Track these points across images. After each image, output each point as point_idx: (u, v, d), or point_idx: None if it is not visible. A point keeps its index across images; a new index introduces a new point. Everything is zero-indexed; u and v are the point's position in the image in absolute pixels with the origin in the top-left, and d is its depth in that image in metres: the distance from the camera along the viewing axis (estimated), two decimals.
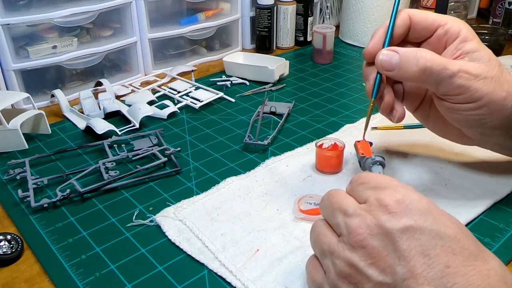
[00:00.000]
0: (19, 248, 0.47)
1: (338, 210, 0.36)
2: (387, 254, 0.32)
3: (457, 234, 0.32)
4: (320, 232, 0.37)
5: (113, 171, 0.58)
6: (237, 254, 0.46)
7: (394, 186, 0.35)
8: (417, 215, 0.33)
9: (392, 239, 0.32)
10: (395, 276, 0.32)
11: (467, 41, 0.46)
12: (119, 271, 0.44)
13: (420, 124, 0.68)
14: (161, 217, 0.51)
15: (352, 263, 0.33)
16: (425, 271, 0.31)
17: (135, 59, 0.89)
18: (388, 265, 0.32)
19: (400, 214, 0.33)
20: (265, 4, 0.99)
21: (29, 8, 0.74)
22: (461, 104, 0.46)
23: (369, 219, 0.34)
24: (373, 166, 0.50)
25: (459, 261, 0.31)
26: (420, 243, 0.32)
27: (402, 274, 0.32)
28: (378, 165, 0.50)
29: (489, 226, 0.50)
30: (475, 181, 0.56)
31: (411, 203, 0.33)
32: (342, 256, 0.34)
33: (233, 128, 0.71)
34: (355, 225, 0.34)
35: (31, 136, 0.69)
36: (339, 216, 0.36)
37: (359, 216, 0.34)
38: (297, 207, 0.50)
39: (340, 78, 0.91)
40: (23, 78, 0.76)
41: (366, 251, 0.33)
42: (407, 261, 0.32)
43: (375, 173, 0.40)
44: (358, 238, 0.33)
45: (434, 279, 0.31)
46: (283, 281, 0.42)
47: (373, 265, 0.33)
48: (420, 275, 0.31)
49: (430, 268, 0.31)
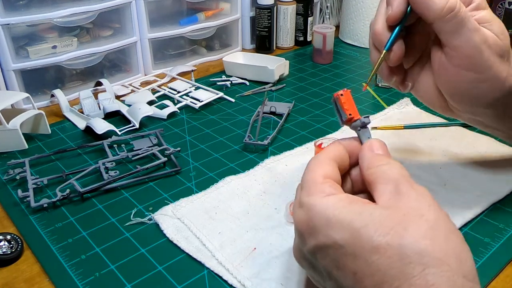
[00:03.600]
0: (19, 248, 0.47)
1: None
2: (317, 273, 0.35)
3: (351, 235, 0.31)
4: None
5: (113, 171, 0.58)
6: (234, 252, 0.46)
7: (306, 203, 0.34)
8: (319, 232, 0.33)
9: (310, 260, 0.35)
10: (329, 287, 0.34)
11: (480, 9, 0.42)
12: (119, 271, 0.44)
13: (420, 124, 0.69)
14: (160, 215, 0.51)
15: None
16: (344, 283, 0.32)
17: (135, 59, 0.89)
18: (322, 279, 0.35)
19: (307, 235, 0.34)
20: (265, 4, 0.99)
21: (29, 8, 0.74)
22: (465, 71, 0.42)
23: (296, 242, 0.37)
24: (361, 130, 0.40)
25: (363, 263, 0.30)
26: (331, 258, 0.32)
27: (333, 287, 0.33)
28: (366, 129, 0.40)
29: (489, 226, 0.50)
30: (474, 182, 0.56)
31: (312, 220, 0.33)
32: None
33: (233, 128, 0.71)
34: (293, 247, 0.38)
35: (31, 136, 0.69)
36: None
37: (294, 239, 0.37)
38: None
39: (340, 78, 0.91)
40: (23, 78, 0.76)
41: (305, 268, 0.37)
42: (329, 276, 0.33)
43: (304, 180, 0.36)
44: (296, 259, 0.38)
45: (350, 287, 0.31)
46: (279, 279, 0.42)
47: (313, 279, 0.37)
48: (342, 286, 0.32)
49: (344, 278, 0.31)
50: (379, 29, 0.43)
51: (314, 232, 0.33)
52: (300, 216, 0.34)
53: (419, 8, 0.41)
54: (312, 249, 0.33)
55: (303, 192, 0.35)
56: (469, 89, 0.43)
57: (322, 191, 0.34)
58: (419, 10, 0.41)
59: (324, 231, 0.32)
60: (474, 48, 0.40)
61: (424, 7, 0.40)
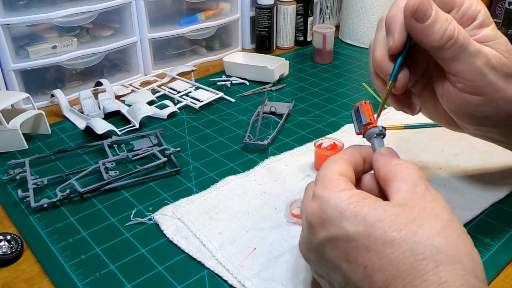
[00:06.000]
0: (19, 248, 0.47)
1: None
2: (324, 265, 0.35)
3: (366, 229, 0.31)
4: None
5: (113, 171, 0.58)
6: (234, 252, 0.46)
7: (320, 196, 0.34)
8: (331, 224, 0.33)
9: (319, 252, 0.35)
10: (335, 282, 0.34)
11: (483, 27, 0.41)
12: (119, 271, 0.44)
13: (420, 125, 0.68)
14: (160, 215, 0.51)
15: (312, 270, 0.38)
16: (352, 276, 0.32)
17: (135, 59, 0.89)
18: (327, 274, 0.35)
19: (318, 227, 0.34)
20: (265, 4, 0.99)
21: (29, 8, 0.74)
22: (469, 95, 0.40)
23: (304, 235, 0.37)
24: (376, 138, 0.42)
25: (375, 257, 0.30)
26: (341, 250, 0.32)
27: (339, 282, 0.33)
28: (381, 138, 0.42)
29: (489, 226, 0.50)
30: (474, 182, 0.56)
31: (325, 212, 0.33)
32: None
33: (233, 128, 0.71)
34: (299, 241, 0.38)
35: (31, 136, 0.69)
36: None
37: (302, 233, 0.38)
38: (289, 211, 0.50)
39: (340, 78, 0.91)
40: (23, 78, 0.76)
41: (311, 263, 0.37)
42: (337, 269, 0.33)
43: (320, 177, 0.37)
44: (301, 253, 0.38)
45: (359, 281, 0.31)
46: (279, 279, 0.42)
47: (317, 273, 0.37)
48: (350, 280, 0.32)
49: (353, 272, 0.32)
50: (380, 57, 0.42)
51: (327, 224, 0.33)
52: (313, 207, 0.35)
53: (417, 37, 0.40)
54: (323, 241, 0.33)
55: (318, 186, 0.35)
56: (475, 112, 0.42)
57: (337, 186, 0.34)
58: (418, 39, 0.40)
59: (337, 223, 0.32)
60: (476, 72, 0.39)
61: (422, 36, 0.39)
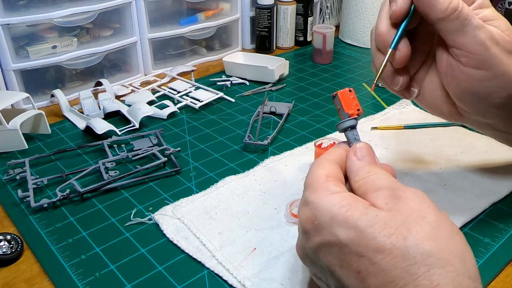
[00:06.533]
0: (19, 248, 0.47)
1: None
2: (319, 270, 0.35)
3: (357, 235, 0.31)
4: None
5: (113, 171, 0.58)
6: (234, 252, 0.46)
7: (311, 201, 0.34)
8: (323, 229, 0.33)
9: (312, 259, 0.35)
10: (331, 284, 0.34)
11: (483, 8, 0.42)
12: (119, 271, 0.44)
13: (420, 125, 0.69)
14: (160, 215, 0.51)
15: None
16: (347, 281, 0.32)
17: (135, 59, 0.89)
18: (324, 276, 0.35)
19: (312, 233, 0.34)
20: (265, 4, 0.99)
21: (29, 8, 0.74)
22: (473, 69, 0.40)
23: (299, 240, 0.37)
24: (348, 132, 0.39)
25: (367, 262, 0.30)
26: (334, 256, 0.32)
27: (335, 285, 0.33)
28: (349, 130, 0.39)
29: (489, 226, 0.50)
30: (474, 182, 0.56)
31: (317, 217, 0.33)
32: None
33: (233, 128, 0.71)
34: (296, 244, 0.38)
35: (31, 136, 0.69)
36: None
37: (298, 236, 0.37)
38: (289, 211, 0.50)
39: (340, 78, 0.91)
40: (23, 78, 0.76)
41: (308, 265, 0.37)
42: (332, 274, 0.33)
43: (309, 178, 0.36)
44: (299, 256, 0.38)
45: (353, 286, 0.31)
46: (279, 279, 0.42)
47: (315, 276, 0.37)
48: (345, 284, 0.32)
49: (347, 277, 0.32)
50: (383, 29, 0.42)
51: (319, 230, 0.33)
52: (305, 213, 0.35)
53: (422, 7, 0.40)
54: (316, 246, 0.33)
55: (308, 191, 0.35)
56: (478, 88, 0.41)
57: (327, 189, 0.34)
58: (423, 9, 0.40)
59: (329, 228, 0.32)
60: (480, 45, 0.39)
61: (427, 7, 0.40)
